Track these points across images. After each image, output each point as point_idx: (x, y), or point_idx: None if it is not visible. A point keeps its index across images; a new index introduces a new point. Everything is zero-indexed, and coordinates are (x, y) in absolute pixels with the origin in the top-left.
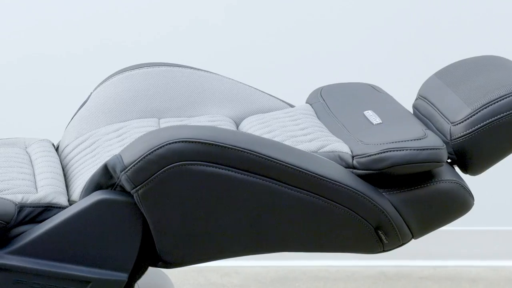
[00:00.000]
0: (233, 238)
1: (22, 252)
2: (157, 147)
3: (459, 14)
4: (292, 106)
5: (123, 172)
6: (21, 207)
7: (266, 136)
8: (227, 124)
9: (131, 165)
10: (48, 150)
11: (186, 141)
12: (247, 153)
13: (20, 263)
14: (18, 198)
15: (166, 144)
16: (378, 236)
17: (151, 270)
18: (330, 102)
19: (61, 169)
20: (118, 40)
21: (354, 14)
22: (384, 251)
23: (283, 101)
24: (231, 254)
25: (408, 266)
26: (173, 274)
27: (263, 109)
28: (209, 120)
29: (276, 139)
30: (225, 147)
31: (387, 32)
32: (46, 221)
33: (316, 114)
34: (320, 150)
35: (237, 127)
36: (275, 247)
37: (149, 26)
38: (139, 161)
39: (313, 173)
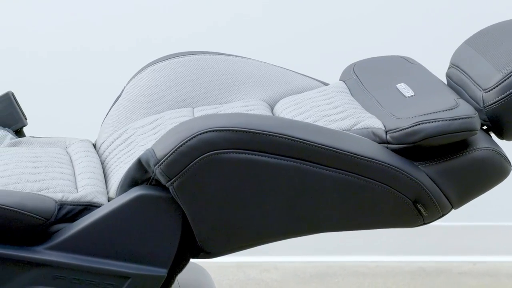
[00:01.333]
0: (271, 222)
1: (61, 247)
2: (188, 138)
3: None
4: (326, 84)
5: (157, 165)
6: (62, 204)
7: (299, 117)
8: (261, 108)
9: (164, 158)
10: (88, 150)
11: (216, 130)
12: (278, 137)
13: (59, 259)
14: (58, 196)
15: (197, 135)
16: (417, 209)
17: (190, 265)
18: (363, 77)
19: (101, 168)
20: (157, 36)
21: None
22: (424, 223)
23: (316, 79)
24: (270, 239)
25: (448, 262)
26: (213, 269)
27: (297, 89)
28: (243, 105)
29: (309, 119)
30: (256, 132)
31: (419, 4)
32: (85, 217)
33: (349, 90)
34: (354, 128)
35: (272, 109)
36: (314, 228)
37: (189, 22)
38: (171, 154)
39: (346, 151)
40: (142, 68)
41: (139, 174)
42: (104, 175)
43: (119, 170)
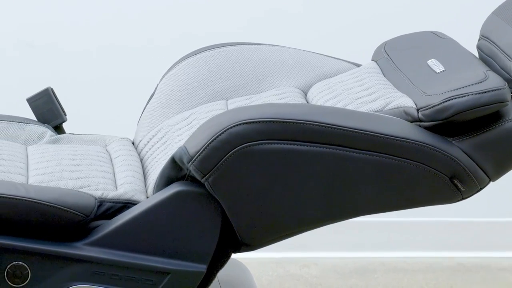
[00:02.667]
0: (308, 210)
1: (101, 243)
2: (219, 133)
3: None
4: (358, 65)
5: (190, 162)
6: (101, 201)
7: (331, 101)
8: (294, 95)
9: (197, 155)
10: (128, 148)
11: (246, 123)
12: (309, 124)
13: (99, 254)
14: (98, 194)
15: (228, 129)
16: (454, 185)
17: (230, 261)
18: (394, 56)
19: (141, 167)
20: (194, 31)
21: None
22: (463, 198)
23: (348, 61)
24: (310, 227)
25: (487, 257)
26: (252, 265)
27: (330, 73)
28: (276, 93)
29: (341, 103)
30: (286, 122)
31: None
32: (124, 213)
33: (381, 70)
34: (385, 108)
35: (305, 96)
36: (353, 212)
37: (226, 17)
38: (203, 150)
39: (378, 133)
40: (174, 64)
41: (174, 172)
42: (143, 174)
43: (156, 169)
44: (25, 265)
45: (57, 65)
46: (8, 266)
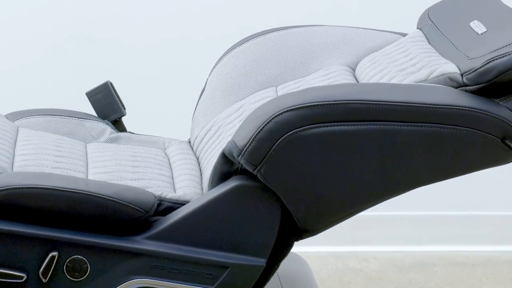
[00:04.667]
0: (364, 188)
1: (160, 237)
2: (264, 123)
3: None
4: (404, 35)
5: (240, 156)
6: (160, 201)
7: (377, 75)
8: (342, 74)
9: (246, 148)
10: (186, 152)
11: (290, 110)
12: (351, 103)
13: (158, 248)
14: (157, 193)
15: (273, 118)
16: (506, 145)
17: (289, 256)
18: (438, 21)
19: (199, 170)
20: (253, 26)
21: None
22: None
23: (394, 32)
24: (368, 204)
25: None
26: (311, 259)
27: (376, 46)
28: (324, 74)
29: (386, 77)
30: (328, 104)
31: None
32: (183, 207)
33: (426, 38)
34: (430, 77)
35: (354, 72)
36: (407, 186)
37: (285, 13)
38: (251, 142)
39: (423, 103)
40: (220, 57)
41: (226, 167)
42: (200, 173)
43: (212, 164)
44: (84, 259)
45: (116, 59)
46: (68, 260)
